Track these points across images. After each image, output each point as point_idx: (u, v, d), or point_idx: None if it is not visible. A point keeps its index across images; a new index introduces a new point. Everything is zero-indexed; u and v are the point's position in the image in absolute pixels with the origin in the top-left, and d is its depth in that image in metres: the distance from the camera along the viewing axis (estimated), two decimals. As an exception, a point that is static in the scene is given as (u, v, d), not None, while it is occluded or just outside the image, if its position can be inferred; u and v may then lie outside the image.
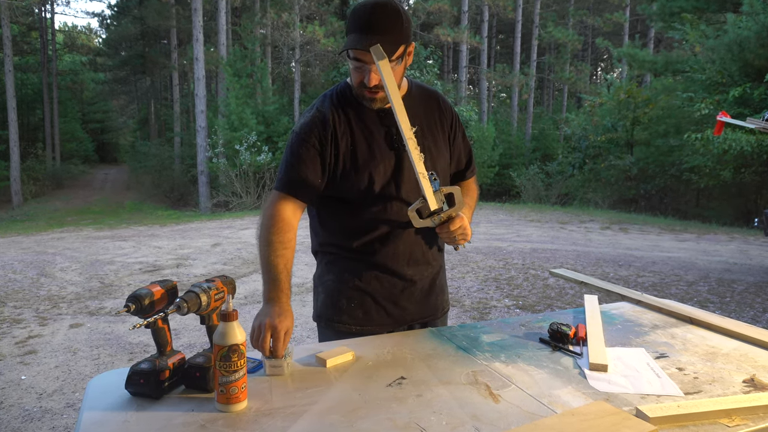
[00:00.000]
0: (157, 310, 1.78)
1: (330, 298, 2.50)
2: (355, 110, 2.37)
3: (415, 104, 2.46)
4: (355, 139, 2.34)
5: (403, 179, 2.37)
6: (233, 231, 15.72)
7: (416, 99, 2.49)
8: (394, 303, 2.47)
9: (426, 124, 2.48)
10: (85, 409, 1.72)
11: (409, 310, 2.50)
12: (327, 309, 2.51)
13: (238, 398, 1.70)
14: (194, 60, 25.91)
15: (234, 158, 24.58)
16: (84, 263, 10.85)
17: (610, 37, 42.59)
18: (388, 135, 2.38)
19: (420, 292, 2.52)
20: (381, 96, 2.30)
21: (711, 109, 16.77)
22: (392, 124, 2.36)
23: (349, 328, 2.45)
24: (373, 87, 2.24)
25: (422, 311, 2.55)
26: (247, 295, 8.31)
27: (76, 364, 5.75)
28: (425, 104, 2.51)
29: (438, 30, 33.44)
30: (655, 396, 1.82)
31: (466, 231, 2.34)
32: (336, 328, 2.47)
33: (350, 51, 2.20)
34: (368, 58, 2.16)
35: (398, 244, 2.42)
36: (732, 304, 7.75)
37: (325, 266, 2.55)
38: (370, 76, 2.21)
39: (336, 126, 2.33)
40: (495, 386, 1.87)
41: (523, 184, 26.59)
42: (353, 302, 2.45)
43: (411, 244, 2.44)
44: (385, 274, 2.44)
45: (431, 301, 2.58)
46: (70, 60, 52.81)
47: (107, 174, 42.93)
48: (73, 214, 25.35)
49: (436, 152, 2.45)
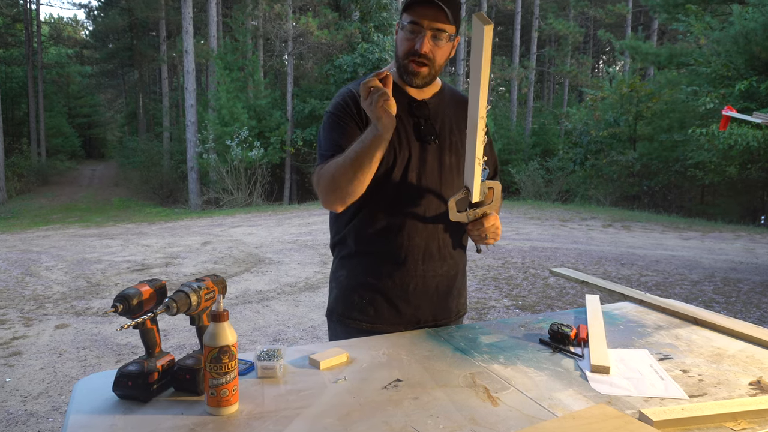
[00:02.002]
0: (145, 310, 1.77)
1: (343, 294, 2.51)
2: None
3: (446, 102, 2.50)
4: None
5: (425, 171, 2.38)
6: (224, 229, 15.71)
7: (448, 97, 2.52)
8: (407, 301, 2.45)
9: (456, 124, 2.49)
10: (71, 412, 1.71)
11: (423, 310, 2.48)
12: (339, 304, 2.52)
13: (229, 401, 1.69)
14: (184, 52, 25.84)
15: (225, 154, 24.56)
16: (70, 262, 10.84)
17: (613, 29, 42.57)
18: (417, 126, 2.39)
19: (435, 291, 2.49)
20: (425, 71, 2.31)
21: (716, 103, 16.77)
22: (422, 116, 2.39)
23: (360, 325, 2.45)
24: (422, 55, 2.25)
25: (436, 312, 2.52)
26: (238, 295, 8.31)
27: (62, 366, 5.74)
28: (456, 106, 2.53)
29: (435, 22, 33.35)
30: (658, 399, 1.81)
31: (498, 230, 2.34)
32: (347, 324, 2.48)
33: (408, 15, 2.21)
34: (428, 21, 2.18)
35: (413, 237, 2.40)
36: (738, 304, 7.77)
37: (339, 261, 2.56)
38: (423, 41, 2.22)
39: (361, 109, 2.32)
40: (494, 389, 1.86)
41: (522, 181, 26.58)
42: (365, 299, 2.45)
43: (427, 238, 2.42)
44: (398, 270, 2.42)
45: (447, 303, 2.56)
46: (55, 53, 52.69)
47: (94, 170, 42.86)
48: (59, 211, 25.28)
49: (464, 150, 2.42)
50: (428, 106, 2.44)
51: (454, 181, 2.44)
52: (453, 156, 2.43)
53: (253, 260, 10.82)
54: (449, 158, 2.44)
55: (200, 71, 36.39)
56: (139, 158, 35.95)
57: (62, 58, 51.89)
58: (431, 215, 2.41)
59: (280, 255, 11.35)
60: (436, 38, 2.23)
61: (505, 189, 28.29)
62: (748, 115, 8.06)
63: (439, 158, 2.42)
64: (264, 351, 2.01)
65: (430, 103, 2.45)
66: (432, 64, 2.30)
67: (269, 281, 9.15)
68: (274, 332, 6.77)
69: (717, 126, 14.87)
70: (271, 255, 11.36)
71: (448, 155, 2.43)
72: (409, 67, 2.31)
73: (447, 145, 2.43)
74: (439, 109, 2.41)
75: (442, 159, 2.42)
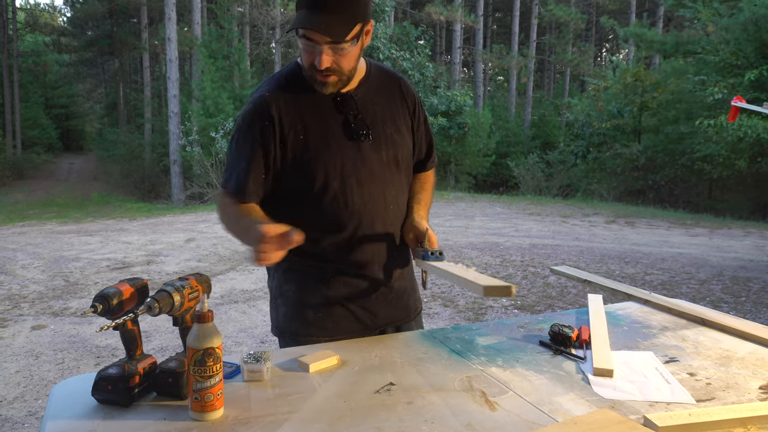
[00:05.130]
0: (126, 310, 1.76)
1: (294, 311, 2.44)
2: (308, 95, 2.29)
3: (374, 88, 2.41)
4: (307, 128, 2.27)
5: (364, 172, 2.31)
6: (208, 225, 15.68)
7: (375, 82, 2.43)
8: (367, 309, 2.42)
9: (387, 110, 2.42)
10: (48, 417, 1.71)
11: (383, 315, 2.46)
12: (291, 322, 2.46)
13: (214, 406, 1.68)
14: (166, 40, 25.80)
15: (209, 146, 24.46)
16: (47, 260, 10.82)
17: (616, 16, 42.58)
18: (346, 123, 2.31)
19: (394, 294, 2.48)
20: (333, 80, 2.21)
21: (725, 93, 16.81)
22: (350, 111, 2.32)
23: (318, 339, 2.38)
24: (324, 70, 2.16)
25: (395, 314, 2.52)
26: (223, 295, 8.30)
27: (38, 368, 5.73)
28: (386, 88, 2.46)
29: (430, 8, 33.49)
30: (664, 403, 1.82)
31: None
32: (303, 342, 2.39)
33: (299, 29, 2.11)
34: (318, 37, 2.08)
35: (365, 245, 2.35)
36: (748, 304, 7.79)
37: (283, 275, 2.47)
38: (321, 58, 2.11)
39: (281, 114, 2.25)
40: (491, 393, 1.86)
41: (521, 175, 26.64)
42: (320, 312, 2.40)
43: (378, 243, 2.38)
44: (355, 279, 2.39)
45: (405, 302, 2.56)
46: (32, 40, 52.50)
47: (72, 163, 42.72)
48: (35, 206, 25.23)
49: (400, 140, 2.41)
50: (354, 99, 2.35)
51: (394, 177, 2.40)
52: (390, 149, 2.38)
53: (239, 258, 10.80)
54: (386, 153, 2.37)
55: (183, 60, 36.33)
56: (119, 151, 35.84)
57: (39, 46, 51.70)
58: (380, 217, 2.37)
59: (267, 253, 11.28)
60: (336, 50, 2.13)
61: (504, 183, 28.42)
62: (758, 106, 8.06)
63: (377, 155, 2.35)
64: (250, 353, 2.01)
65: (356, 94, 2.35)
66: (340, 73, 2.20)
67: (256, 280, 9.13)
68: (261, 333, 6.76)
69: (726, 117, 14.87)
70: (258, 253, 11.29)
71: (384, 150, 2.36)
72: (316, 79, 2.21)
73: (382, 139, 2.36)
74: (367, 98, 2.34)
75: (380, 155, 2.35)
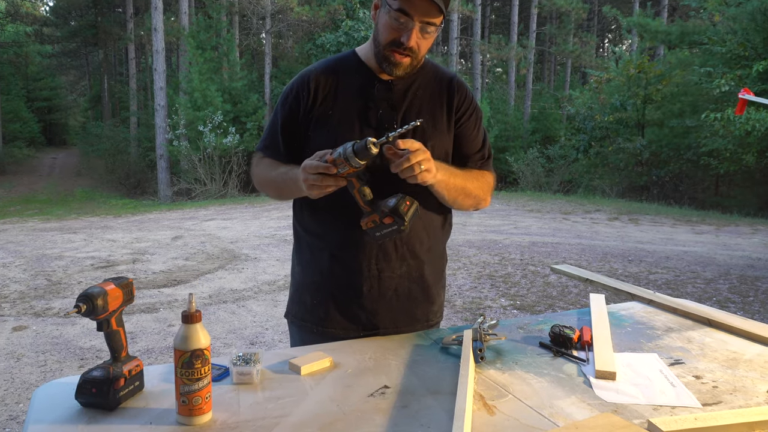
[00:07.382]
0: (111, 311, 1.77)
1: (297, 293, 2.51)
2: (351, 78, 2.35)
3: (419, 81, 2.39)
4: (336, 107, 2.32)
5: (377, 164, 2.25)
6: (196, 222, 15.68)
7: (422, 76, 2.40)
8: (360, 305, 2.38)
9: (427, 103, 2.38)
10: (30, 421, 1.71)
11: (380, 316, 2.40)
12: (294, 305, 2.52)
13: (202, 410, 1.68)
14: (152, 30, 25.74)
15: (197, 141, 24.49)
16: (29, 258, 10.80)
17: (619, 5, 42.66)
18: (376, 110, 2.32)
19: (393, 294, 2.40)
20: (407, 61, 2.24)
21: (732, 85, 16.81)
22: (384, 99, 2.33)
23: (312, 327, 2.42)
24: (408, 48, 2.19)
25: (397, 319, 2.44)
26: (211, 294, 8.30)
27: (20, 371, 5.73)
28: (433, 83, 2.42)
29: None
30: (669, 407, 1.82)
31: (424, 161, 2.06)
32: (300, 326, 2.47)
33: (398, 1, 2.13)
34: (419, 15, 2.11)
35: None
36: (755, 304, 7.80)
37: (294, 255, 2.55)
38: (411, 35, 2.15)
39: (318, 89, 2.32)
40: (490, 396, 1.86)
41: (521, 170, 26.61)
42: (315, 300, 2.42)
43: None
44: (346, 268, 2.36)
45: (411, 309, 2.47)
46: (12, 30, 52.20)
47: (55, 158, 42.73)
48: (16, 203, 25.20)
49: (433, 134, 2.35)
50: (393, 88, 2.35)
51: None
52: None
53: (227, 256, 10.80)
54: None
55: (170, 51, 36.37)
56: (103, 145, 35.78)
57: (20, 36, 51.43)
58: None
59: (257, 251, 11.34)
60: (424, 31, 2.18)
61: (503, 179, 28.37)
62: (766, 99, 8.07)
63: None
64: (240, 355, 2.00)
65: (397, 84, 2.35)
66: (416, 56, 2.24)
67: (245, 279, 9.14)
68: (251, 334, 6.77)
69: (733, 110, 14.90)
70: (247, 251, 11.35)
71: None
72: (391, 58, 2.22)
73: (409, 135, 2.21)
74: (409, 91, 2.33)
75: None
